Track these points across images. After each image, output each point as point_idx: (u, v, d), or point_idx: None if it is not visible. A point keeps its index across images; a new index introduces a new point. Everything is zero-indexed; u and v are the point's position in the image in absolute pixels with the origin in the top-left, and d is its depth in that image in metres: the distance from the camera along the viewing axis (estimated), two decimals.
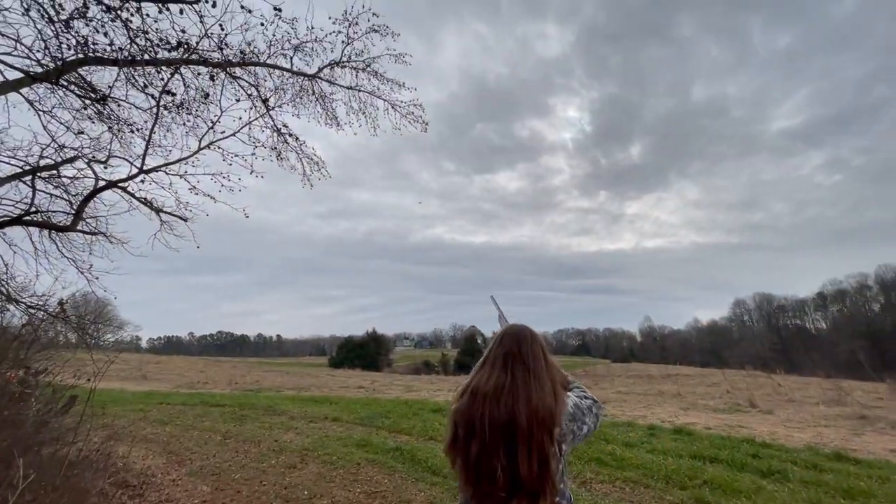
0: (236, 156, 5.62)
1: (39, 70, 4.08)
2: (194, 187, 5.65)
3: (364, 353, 52.70)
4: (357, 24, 5.43)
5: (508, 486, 1.14)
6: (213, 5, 4.33)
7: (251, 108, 5.73)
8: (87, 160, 5.38)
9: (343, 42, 5.55)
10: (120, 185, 5.47)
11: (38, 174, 5.14)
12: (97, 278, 5.56)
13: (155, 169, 5.54)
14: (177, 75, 5.01)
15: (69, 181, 5.50)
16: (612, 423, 6.95)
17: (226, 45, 4.89)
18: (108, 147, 5.47)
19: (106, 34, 4.16)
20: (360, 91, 6.05)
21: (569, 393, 1.36)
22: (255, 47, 5.21)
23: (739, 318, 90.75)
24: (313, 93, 5.97)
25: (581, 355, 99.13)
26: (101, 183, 5.41)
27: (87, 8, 3.88)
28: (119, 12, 4.00)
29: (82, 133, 5.17)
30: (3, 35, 3.79)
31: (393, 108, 6.20)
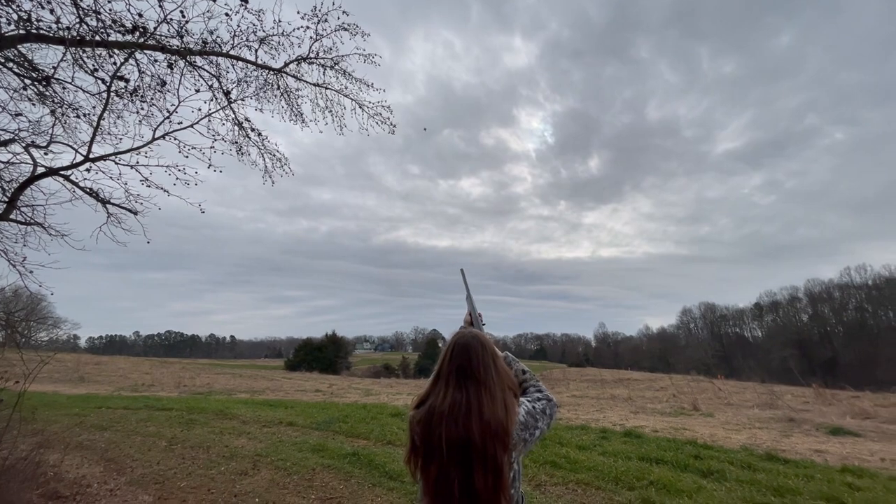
0: (193, 148, 5.35)
1: None
2: (146, 179, 5.32)
3: (322, 355, 51.46)
4: (326, 20, 5.32)
5: (465, 499, 1.17)
6: None
7: (211, 100, 5.49)
8: (24, 144, 4.96)
9: (311, 38, 5.42)
10: (62, 172, 5.07)
11: None
12: (31, 272, 5.12)
13: (103, 157, 5.19)
14: (131, 60, 4.72)
15: (3, 166, 5.05)
16: (567, 427, 7.12)
17: (186, 32, 4.66)
18: (50, 131, 5.07)
19: (52, 11, 3.86)
20: (327, 89, 5.93)
21: (522, 399, 1.35)
22: (217, 37, 4.99)
23: (686, 325, 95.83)
24: (278, 87, 5.80)
25: (539, 359, 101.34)
26: (41, 169, 5.00)
27: None
28: None
29: (21, 115, 4.78)
30: None
31: (360, 107, 6.12)
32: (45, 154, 5.07)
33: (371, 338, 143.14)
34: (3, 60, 4.27)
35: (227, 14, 4.65)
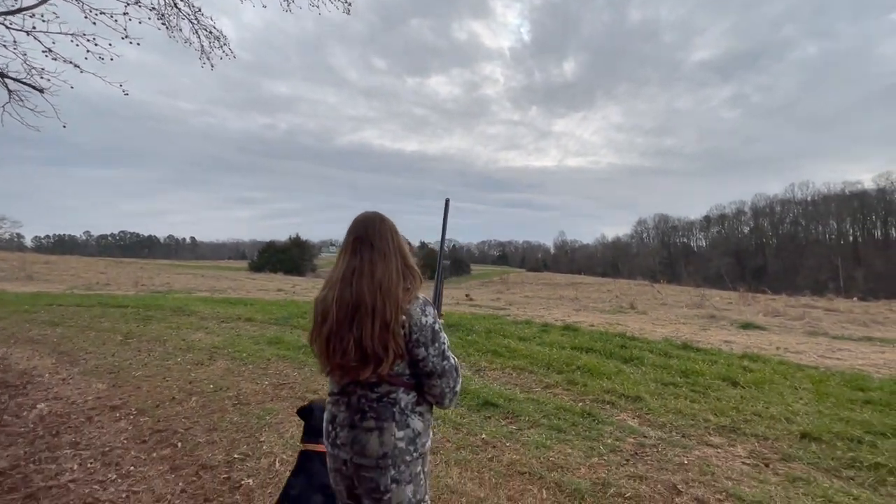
0: (102, 13, 4.55)
1: None
2: (49, 50, 4.56)
3: (286, 258, 51.54)
4: None
5: (358, 356, 1.22)
6: None
7: None
8: None
9: None
10: None
11: None
12: None
13: None
14: None
15: None
16: (513, 322, 7.68)
17: None
18: None
19: None
20: None
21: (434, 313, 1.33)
22: None
23: (639, 235, 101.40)
24: None
25: (500, 265, 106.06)
26: None
27: None
28: None
29: None
30: None
31: None
32: None
33: (337, 242, 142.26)
34: None
35: None
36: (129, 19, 4.72)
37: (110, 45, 4.74)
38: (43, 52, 4.57)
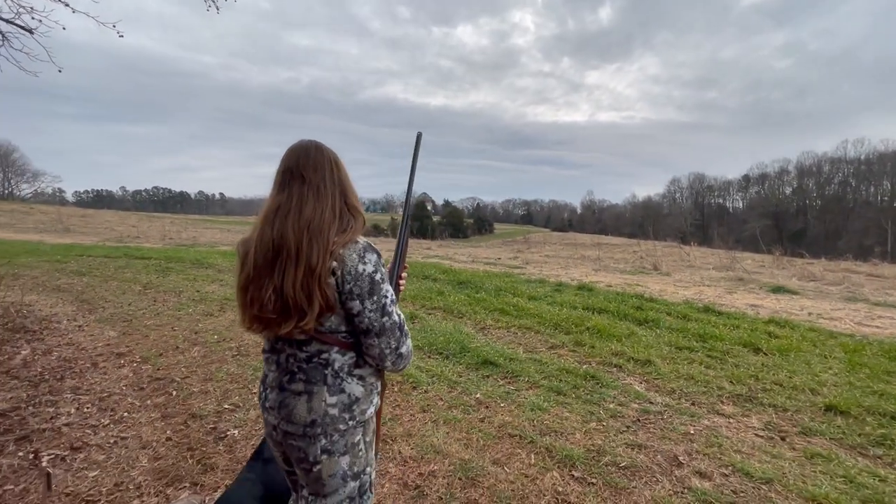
0: None
1: None
2: None
3: None
4: None
5: (278, 307, 1.03)
6: None
7: None
8: None
9: None
10: None
11: None
12: None
13: None
14: None
15: None
16: (526, 281, 7.45)
17: None
18: None
19: None
20: None
21: (378, 262, 1.09)
22: None
23: (672, 195, 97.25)
24: None
25: (525, 224, 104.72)
26: None
27: None
28: None
29: None
30: None
31: None
32: None
33: (362, 199, 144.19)
34: None
35: None
36: None
37: None
38: None
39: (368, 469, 1.18)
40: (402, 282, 1.38)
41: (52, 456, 2.47)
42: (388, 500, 2.08)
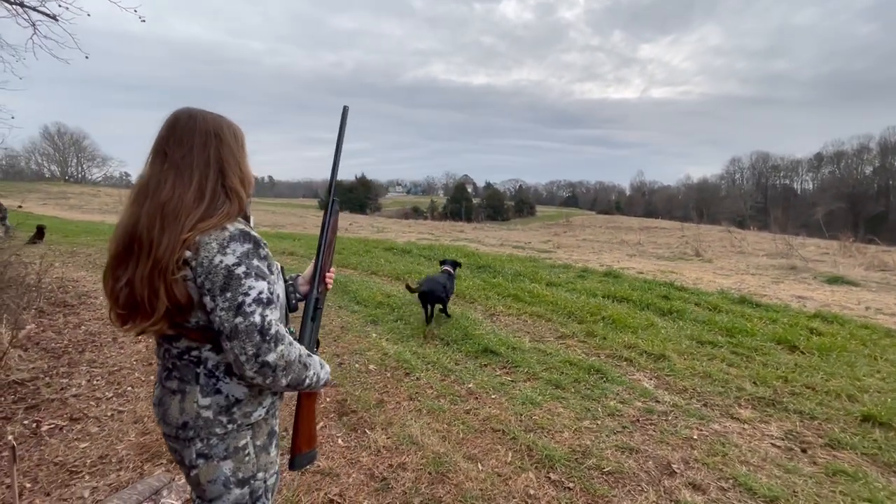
0: None
1: None
2: None
3: (353, 196, 53.47)
4: None
5: (129, 303, 0.93)
6: None
7: None
8: None
9: None
10: None
11: None
12: None
13: None
14: None
15: None
16: (550, 266, 7.17)
17: None
18: None
19: None
20: None
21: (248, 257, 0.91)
22: None
23: (731, 176, 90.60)
24: None
25: (569, 206, 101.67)
26: None
27: None
28: None
29: None
30: None
31: None
32: None
33: (404, 182, 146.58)
34: None
35: None
36: None
37: None
38: None
39: (261, 475, 1.08)
40: (329, 277, 1.24)
41: (52, 426, 2.62)
42: (350, 491, 2.02)
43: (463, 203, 66.12)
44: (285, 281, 1.15)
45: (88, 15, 4.90)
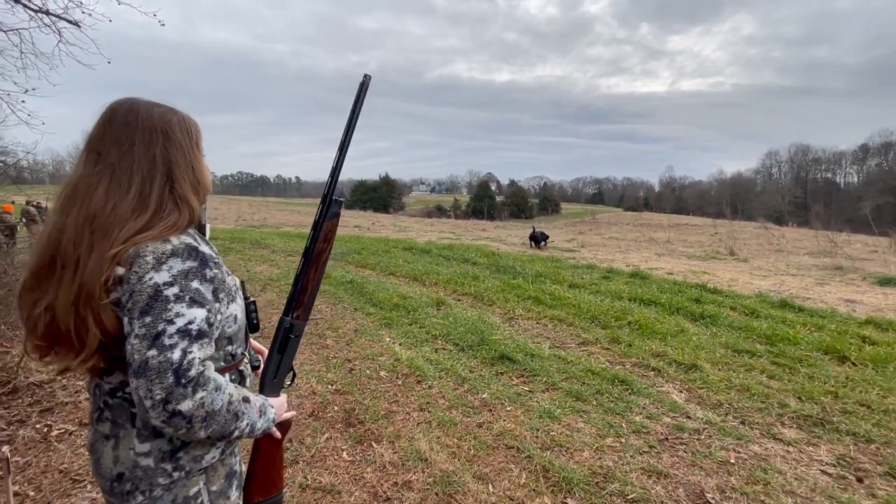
0: None
1: None
2: None
3: (376, 196, 54.08)
4: None
5: (51, 332, 0.77)
6: None
7: None
8: None
9: None
10: None
11: None
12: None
13: None
14: None
15: None
16: (574, 266, 6.91)
17: None
18: None
19: None
20: None
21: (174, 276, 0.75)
22: None
23: (767, 170, 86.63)
24: None
25: (595, 203, 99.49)
26: None
27: None
28: None
29: None
30: None
31: None
32: None
33: (427, 180, 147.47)
34: None
35: None
36: None
37: None
38: None
39: None
40: (310, 285, 1.00)
41: (62, 430, 2.61)
42: None
43: (486, 201, 65.71)
44: (246, 299, 0.99)
45: (110, 20, 4.97)
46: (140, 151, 0.80)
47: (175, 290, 0.74)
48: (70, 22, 4.72)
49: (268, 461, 1.00)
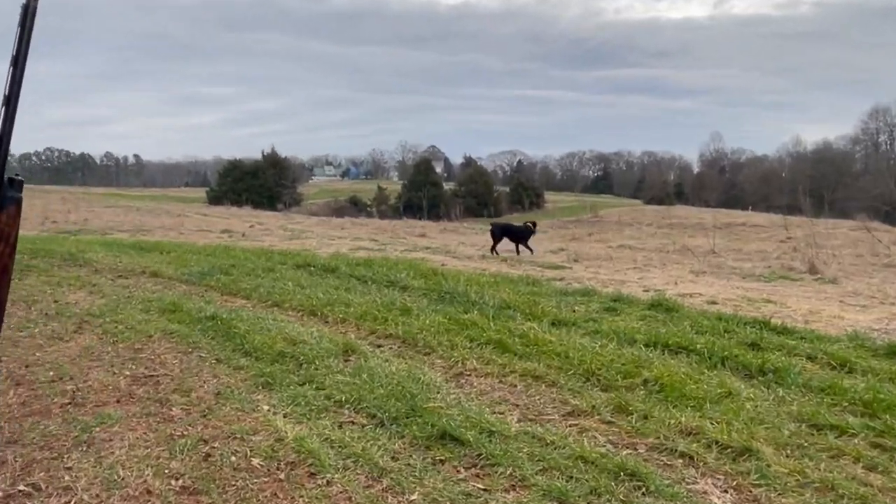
0: None
1: None
2: None
3: (257, 184, 54.21)
4: None
5: None
6: None
7: None
8: None
9: None
10: None
11: None
12: None
13: None
14: None
15: None
16: (562, 292, 7.13)
17: None
18: None
19: None
20: None
21: None
22: None
23: (872, 138, 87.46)
24: None
25: (599, 192, 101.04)
26: None
27: None
28: None
29: None
30: None
31: None
32: None
33: (336, 159, 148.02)
34: None
35: None
36: None
37: None
38: None
39: None
40: None
41: None
42: None
43: (427, 190, 66.18)
44: None
45: None
46: None
47: None
48: None
49: None
